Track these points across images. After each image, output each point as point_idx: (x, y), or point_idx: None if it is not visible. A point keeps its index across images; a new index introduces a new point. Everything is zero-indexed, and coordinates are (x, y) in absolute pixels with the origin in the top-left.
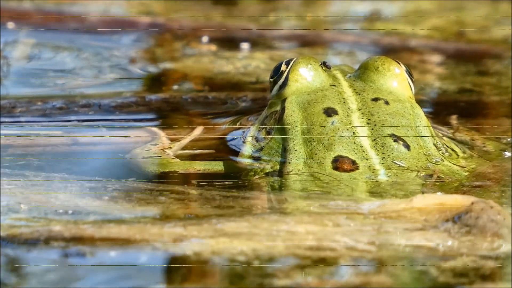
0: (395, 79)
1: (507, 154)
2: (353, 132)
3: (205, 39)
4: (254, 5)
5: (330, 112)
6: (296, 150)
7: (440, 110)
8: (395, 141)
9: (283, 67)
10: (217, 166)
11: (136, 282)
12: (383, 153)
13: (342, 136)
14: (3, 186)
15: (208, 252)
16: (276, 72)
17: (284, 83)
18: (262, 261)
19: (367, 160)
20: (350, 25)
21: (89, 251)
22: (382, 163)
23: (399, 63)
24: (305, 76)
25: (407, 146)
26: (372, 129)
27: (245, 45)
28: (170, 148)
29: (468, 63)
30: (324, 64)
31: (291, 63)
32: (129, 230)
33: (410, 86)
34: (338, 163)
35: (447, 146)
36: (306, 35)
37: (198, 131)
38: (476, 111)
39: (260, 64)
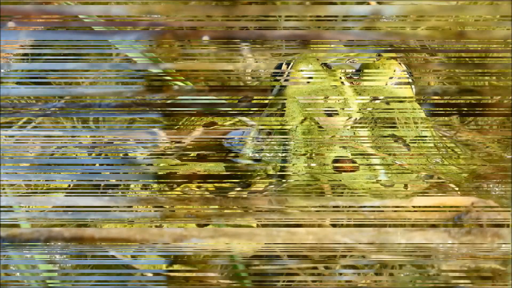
0: (395, 79)
1: (507, 154)
2: (354, 133)
3: (205, 39)
4: (255, 4)
5: (330, 112)
6: (296, 151)
7: (440, 110)
8: (395, 141)
9: (283, 67)
10: (218, 167)
11: (136, 282)
12: (384, 153)
13: (343, 137)
14: (3, 186)
15: (208, 252)
16: (277, 73)
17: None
18: (262, 261)
19: (367, 160)
20: (350, 25)
21: (89, 251)
22: (383, 164)
23: (400, 63)
24: (306, 76)
25: (407, 146)
26: (373, 129)
27: (245, 45)
28: (171, 148)
29: (468, 63)
30: (325, 64)
31: (291, 63)
32: (129, 230)
33: (410, 86)
34: (338, 164)
35: (447, 146)
36: (306, 35)
37: (198, 132)
38: (476, 111)
39: (260, 64)
